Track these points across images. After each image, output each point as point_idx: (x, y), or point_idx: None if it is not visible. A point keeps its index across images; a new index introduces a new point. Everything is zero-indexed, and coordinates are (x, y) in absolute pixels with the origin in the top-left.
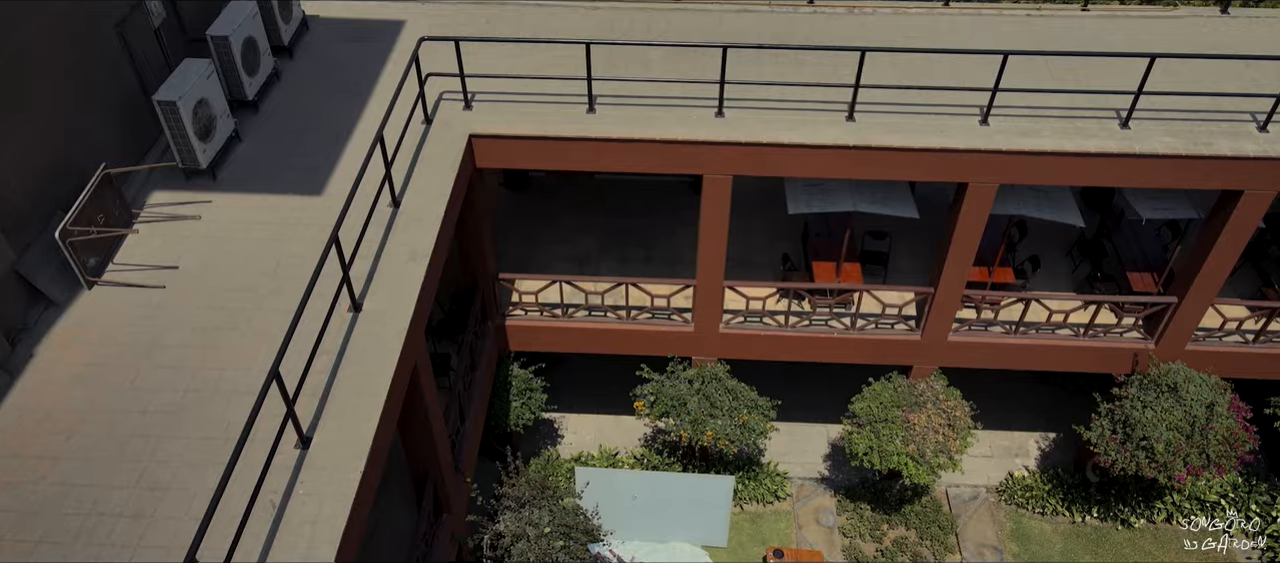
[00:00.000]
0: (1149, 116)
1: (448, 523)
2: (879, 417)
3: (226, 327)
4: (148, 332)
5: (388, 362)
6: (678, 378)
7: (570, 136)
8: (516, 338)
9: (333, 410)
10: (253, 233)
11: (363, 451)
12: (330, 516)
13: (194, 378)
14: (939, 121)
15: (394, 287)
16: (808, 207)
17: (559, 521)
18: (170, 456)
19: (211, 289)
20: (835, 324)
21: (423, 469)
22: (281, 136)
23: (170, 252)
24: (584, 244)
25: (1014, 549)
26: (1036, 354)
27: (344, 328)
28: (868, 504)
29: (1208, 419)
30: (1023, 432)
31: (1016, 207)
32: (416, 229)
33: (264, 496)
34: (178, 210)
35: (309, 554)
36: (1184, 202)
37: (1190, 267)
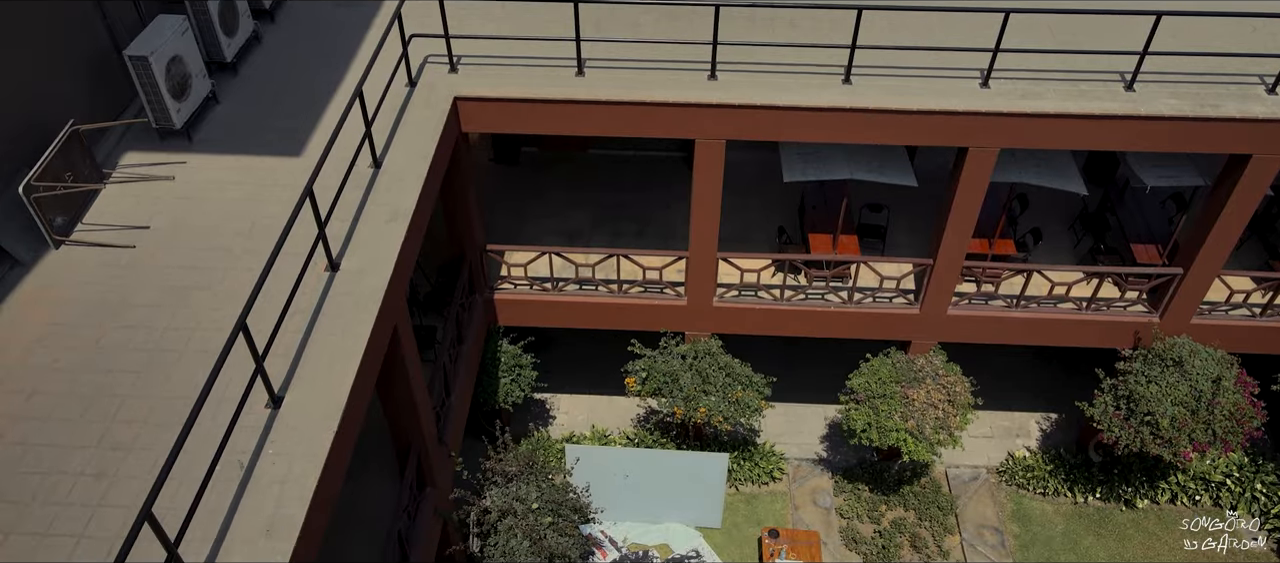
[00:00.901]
0: (1154, 79)
1: (432, 497)
2: (877, 393)
3: (198, 287)
4: (115, 291)
5: (365, 321)
6: (670, 353)
7: (558, 99)
8: (505, 312)
9: (305, 370)
10: (227, 193)
11: (336, 410)
12: (300, 475)
13: (163, 338)
14: (938, 85)
15: (373, 246)
16: (803, 175)
17: (548, 497)
18: (135, 415)
19: (183, 249)
20: (832, 298)
21: (405, 440)
22: (260, 99)
23: (141, 211)
24: (575, 219)
25: (1015, 530)
26: (1038, 329)
27: (320, 287)
28: (866, 485)
29: (1214, 394)
30: (1023, 412)
31: (1018, 174)
32: (398, 189)
33: (232, 455)
34: (150, 171)
35: (277, 512)
36: (1190, 169)
37: (1196, 237)
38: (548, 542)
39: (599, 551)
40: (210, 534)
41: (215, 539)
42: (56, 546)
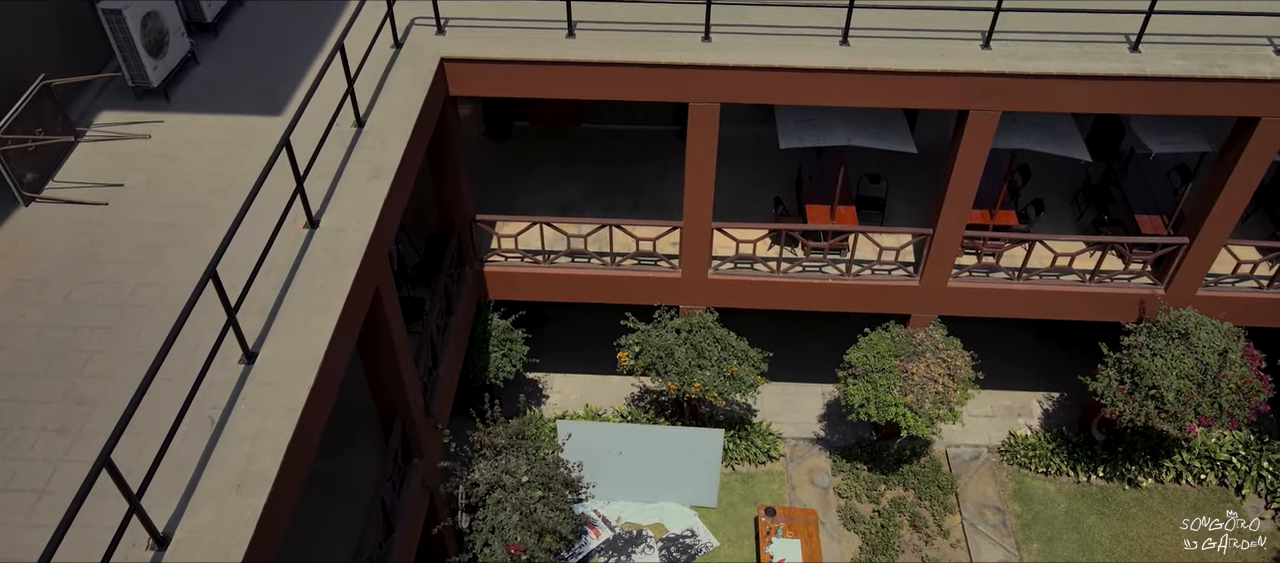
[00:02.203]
0: (1160, 39)
1: (419, 469)
2: (876, 367)
3: (172, 243)
4: (86, 248)
5: (344, 277)
6: (665, 327)
7: (548, 60)
8: (496, 286)
9: (282, 326)
10: (205, 152)
11: (313, 366)
12: (273, 431)
13: (134, 294)
14: (939, 45)
15: (354, 204)
16: (800, 141)
17: (538, 471)
18: (102, 371)
19: (158, 206)
20: (829, 270)
21: (390, 409)
22: (241, 60)
23: (115, 169)
24: (568, 192)
25: (1017, 509)
26: (1040, 302)
27: (298, 244)
28: (864, 464)
29: (1220, 367)
30: (1024, 391)
31: (1020, 140)
32: (381, 148)
33: (202, 411)
34: (126, 129)
35: (248, 468)
36: (1197, 135)
37: (1202, 205)
38: (538, 516)
39: (592, 530)
40: (177, 489)
41: (182, 494)
42: (16, 501)
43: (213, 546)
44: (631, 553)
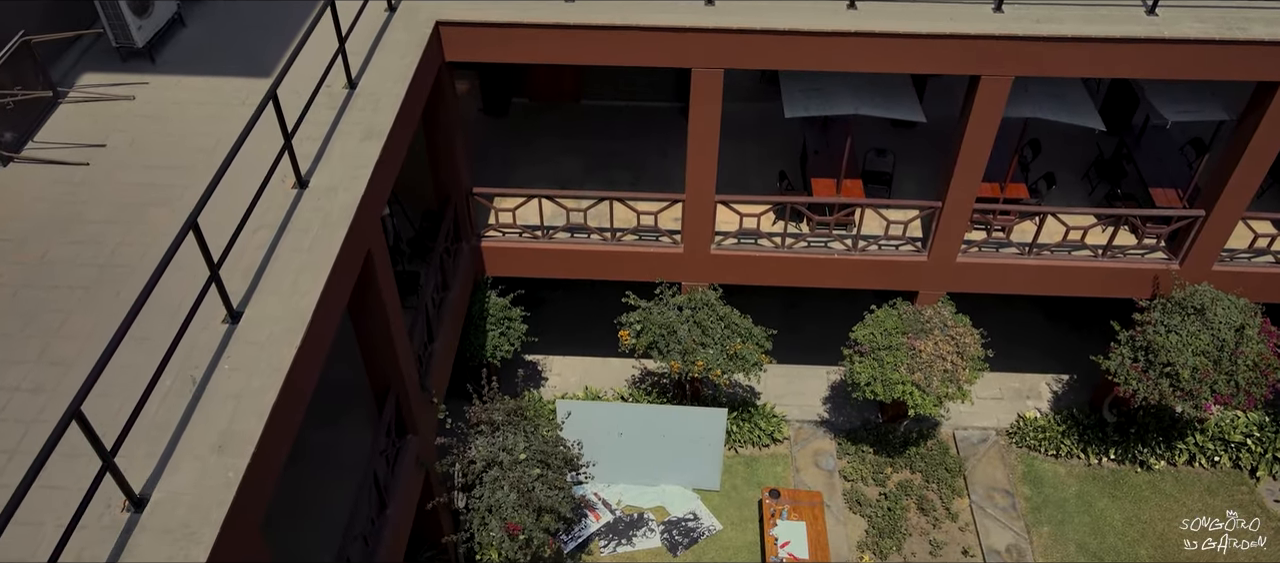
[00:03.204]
0: (1177, 2)
1: (413, 445)
2: (882, 344)
3: (155, 204)
4: (66, 208)
5: (334, 237)
6: (666, 305)
7: (547, 24)
8: (494, 262)
9: (268, 285)
10: (191, 113)
11: (300, 325)
12: (258, 390)
13: (114, 254)
14: (949, 8)
15: (345, 165)
16: (805, 110)
17: (536, 449)
18: (79, 331)
19: (141, 167)
20: (835, 245)
21: (383, 381)
22: (230, 23)
23: (98, 130)
24: (567, 167)
25: (1026, 492)
26: (1052, 277)
27: (287, 204)
28: (870, 447)
29: (1237, 344)
30: (1034, 373)
31: (1032, 109)
32: (373, 110)
33: (183, 371)
34: (110, 91)
35: (231, 427)
36: (1214, 103)
37: (1218, 176)
38: (536, 495)
39: (591, 513)
40: (155, 450)
41: (161, 454)
42: None
43: (192, 506)
44: (632, 536)
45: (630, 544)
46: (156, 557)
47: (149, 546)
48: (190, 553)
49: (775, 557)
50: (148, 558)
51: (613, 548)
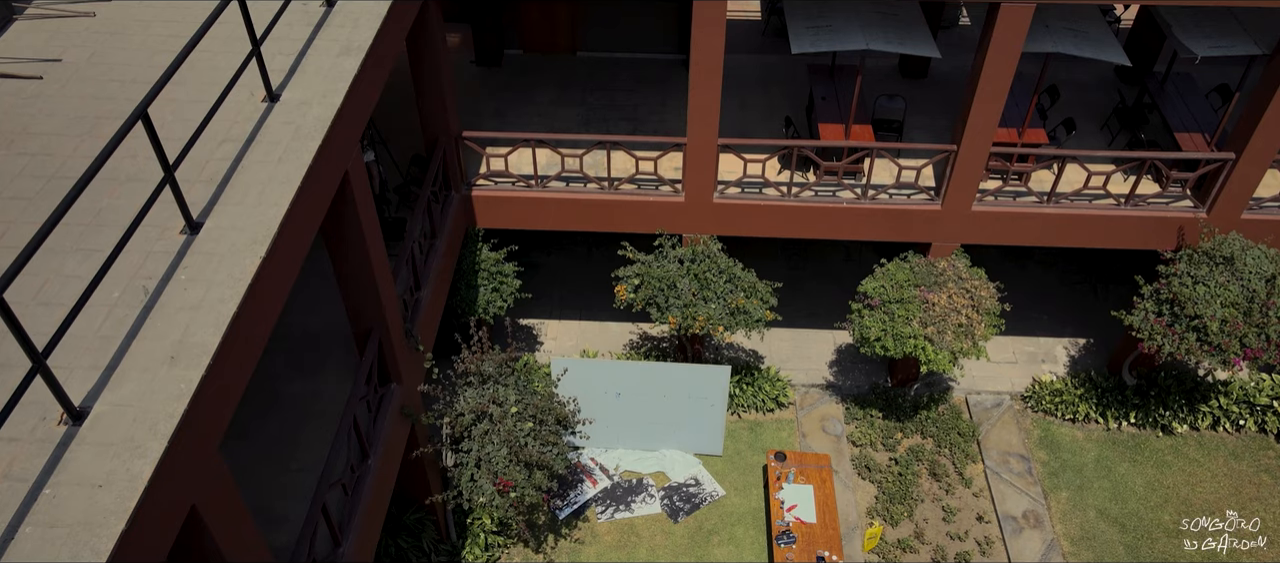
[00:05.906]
0: None
1: (397, 394)
2: (893, 297)
3: (110, 117)
4: (14, 120)
5: (305, 149)
6: (666, 257)
7: None
8: (485, 213)
9: (233, 196)
10: (155, 31)
11: (266, 236)
12: (217, 301)
13: (63, 166)
14: None
15: (320, 79)
16: (814, 45)
17: (528, 403)
18: (19, 242)
19: (97, 81)
20: (844, 194)
21: (365, 324)
22: None
23: (54, 45)
24: (563, 118)
25: (1043, 458)
26: (1072, 227)
27: (256, 118)
28: (879, 412)
29: (1268, 294)
30: (1049, 337)
31: (1053, 44)
32: (352, 27)
33: (135, 282)
34: (70, 7)
35: (186, 339)
36: (1244, 37)
37: (1249, 118)
38: (528, 450)
39: (588, 478)
40: (100, 362)
41: (105, 367)
42: None
43: (138, 419)
44: (631, 502)
45: (629, 510)
46: (96, 470)
47: (87, 459)
48: (133, 467)
49: (781, 520)
50: (86, 471)
51: (611, 515)
